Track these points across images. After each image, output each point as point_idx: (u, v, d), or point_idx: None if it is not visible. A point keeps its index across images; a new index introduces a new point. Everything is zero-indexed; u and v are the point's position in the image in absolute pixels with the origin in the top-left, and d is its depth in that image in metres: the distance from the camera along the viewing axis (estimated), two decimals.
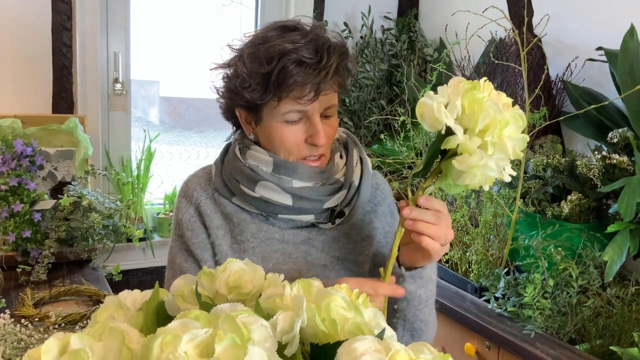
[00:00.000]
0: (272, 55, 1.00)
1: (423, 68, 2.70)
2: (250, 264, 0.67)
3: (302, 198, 1.06)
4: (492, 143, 0.78)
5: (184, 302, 0.62)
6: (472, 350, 1.72)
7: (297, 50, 0.99)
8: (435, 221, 0.90)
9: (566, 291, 1.59)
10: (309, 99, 1.00)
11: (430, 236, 0.91)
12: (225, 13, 2.65)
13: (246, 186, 1.08)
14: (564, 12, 2.10)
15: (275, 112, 1.04)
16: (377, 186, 1.21)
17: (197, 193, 1.15)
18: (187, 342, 0.47)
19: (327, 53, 1.00)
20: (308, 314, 0.55)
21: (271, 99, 1.02)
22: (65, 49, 2.16)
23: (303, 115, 1.04)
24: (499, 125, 0.78)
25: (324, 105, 1.04)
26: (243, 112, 1.11)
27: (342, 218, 1.12)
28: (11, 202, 1.84)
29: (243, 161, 1.10)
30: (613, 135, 1.79)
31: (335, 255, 1.14)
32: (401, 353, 0.49)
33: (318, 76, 0.99)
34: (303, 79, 0.98)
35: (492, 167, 0.79)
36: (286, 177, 1.07)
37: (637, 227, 1.62)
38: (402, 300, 1.04)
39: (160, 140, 2.55)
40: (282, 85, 0.99)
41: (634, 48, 1.74)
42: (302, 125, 1.05)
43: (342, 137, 1.18)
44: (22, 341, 1.33)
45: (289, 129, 1.05)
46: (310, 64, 0.99)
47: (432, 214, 0.90)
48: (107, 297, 0.65)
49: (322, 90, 1.01)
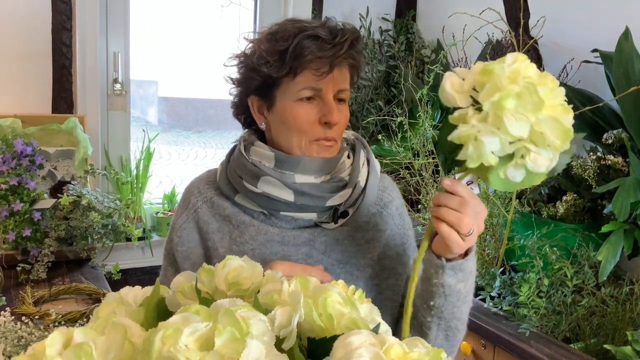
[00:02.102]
0: (289, 33, 1.03)
1: (420, 69, 2.71)
2: (249, 261, 0.68)
3: (304, 194, 1.05)
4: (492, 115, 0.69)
5: (184, 298, 0.64)
6: (467, 348, 1.74)
7: (313, 29, 1.02)
8: (457, 208, 0.85)
9: (561, 290, 1.61)
10: (324, 71, 1.02)
11: (448, 223, 0.86)
12: (224, 14, 2.66)
13: (249, 182, 1.08)
14: (560, 15, 2.12)
15: (290, 90, 1.05)
16: (384, 189, 1.19)
17: (194, 198, 1.16)
18: (187, 336, 0.48)
19: (341, 32, 1.04)
20: (305, 309, 0.56)
21: (287, 74, 1.03)
22: (65, 49, 2.17)
23: (317, 95, 1.05)
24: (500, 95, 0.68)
25: (337, 86, 1.05)
26: (256, 100, 1.12)
27: (346, 218, 1.11)
28: (11, 201, 1.85)
29: (247, 158, 1.10)
30: (608, 136, 1.81)
31: (338, 258, 1.12)
32: (395, 346, 0.51)
33: (333, 49, 1.01)
34: (319, 51, 1.01)
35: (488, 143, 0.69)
36: (288, 172, 1.07)
37: (631, 227, 1.64)
38: (439, 296, 0.98)
39: (159, 140, 2.56)
40: (299, 58, 1.01)
41: (628, 50, 1.76)
42: (316, 104, 1.05)
43: (350, 139, 1.19)
44: (23, 339, 1.34)
45: (302, 107, 1.05)
46: (326, 39, 1.01)
47: (456, 201, 0.85)
48: (109, 294, 0.66)
49: (336, 65, 1.02)
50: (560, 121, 0.70)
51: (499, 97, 0.68)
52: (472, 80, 0.73)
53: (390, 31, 2.79)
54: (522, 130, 0.69)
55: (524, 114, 0.68)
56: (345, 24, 1.08)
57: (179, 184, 2.62)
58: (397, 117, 2.16)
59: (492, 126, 0.69)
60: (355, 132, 1.21)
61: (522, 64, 0.70)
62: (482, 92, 0.70)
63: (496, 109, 0.69)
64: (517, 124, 0.68)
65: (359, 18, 2.69)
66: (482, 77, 0.71)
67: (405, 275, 1.16)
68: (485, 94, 0.70)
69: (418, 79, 2.60)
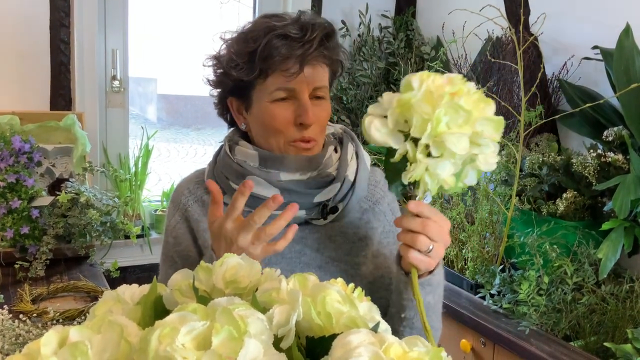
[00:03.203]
0: (259, 33, 1.01)
1: (420, 66, 2.70)
2: (247, 258, 0.67)
3: (290, 191, 1.03)
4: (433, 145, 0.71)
5: (181, 296, 0.63)
6: (467, 346, 1.73)
7: (283, 27, 1.01)
8: (420, 229, 0.86)
9: (561, 288, 1.60)
10: (294, 72, 1.00)
11: (410, 245, 0.87)
12: (223, 11, 2.65)
13: (235, 182, 1.06)
14: (560, 11, 2.11)
15: (263, 91, 1.04)
16: (376, 183, 1.17)
17: (184, 198, 1.15)
18: (184, 335, 0.48)
19: (311, 28, 1.01)
20: (304, 307, 0.56)
21: (259, 76, 1.02)
22: (63, 46, 2.16)
23: (291, 95, 1.03)
24: (431, 125, 0.70)
25: (312, 84, 1.03)
26: (234, 101, 1.11)
27: (336, 214, 1.09)
28: (9, 199, 1.84)
29: (232, 158, 1.09)
30: (608, 133, 1.80)
31: (331, 255, 1.11)
32: (395, 346, 0.50)
33: (302, 48, 0.99)
34: (287, 51, 0.99)
35: (442, 171, 0.72)
36: (273, 170, 1.05)
37: (631, 225, 1.63)
38: (410, 309, 1.00)
39: (158, 138, 2.56)
40: (268, 59, 1.00)
41: (629, 47, 1.75)
42: (291, 104, 1.03)
43: (337, 132, 1.17)
44: (20, 337, 1.34)
45: (278, 107, 1.03)
46: (295, 38, 1.00)
47: (418, 222, 0.86)
48: (106, 292, 0.66)
49: (306, 63, 1.01)
50: (490, 118, 0.72)
51: (431, 128, 0.69)
52: (395, 118, 0.73)
53: (389, 28, 2.78)
54: (464, 145, 0.71)
55: (459, 132, 0.70)
56: (318, 18, 1.05)
57: (177, 181, 2.60)
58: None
59: (438, 155, 0.72)
60: (344, 126, 1.20)
61: (428, 81, 0.72)
62: (413, 128, 0.71)
63: (434, 138, 0.70)
64: (458, 141, 0.70)
65: (358, 15, 2.68)
66: (403, 110, 0.72)
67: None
68: (417, 129, 0.71)
69: None
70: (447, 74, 0.75)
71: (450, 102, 0.69)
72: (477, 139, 0.72)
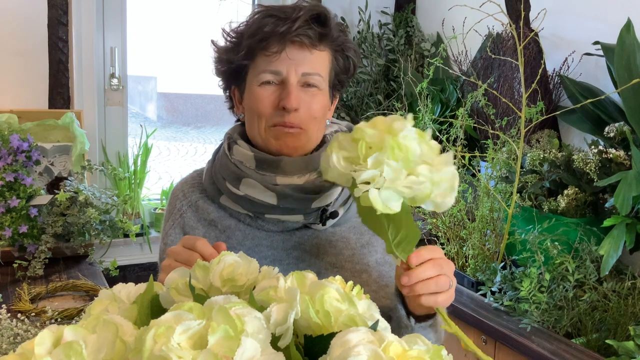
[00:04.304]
0: (253, 15, 1.02)
1: (420, 63, 2.69)
2: (244, 256, 0.67)
3: (287, 196, 0.99)
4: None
5: (178, 294, 0.62)
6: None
7: (275, 9, 1.00)
8: (433, 273, 0.82)
9: (562, 285, 1.60)
10: (275, 51, 0.98)
11: (431, 293, 0.83)
12: (222, 8, 2.64)
13: (231, 184, 1.03)
14: (560, 7, 2.10)
15: (253, 74, 1.02)
16: None
17: (179, 202, 1.12)
18: (180, 334, 0.47)
19: (298, 8, 0.99)
20: (302, 305, 0.55)
21: (246, 58, 1.01)
22: (62, 44, 2.15)
23: (279, 80, 1.00)
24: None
25: (300, 68, 0.99)
26: (236, 91, 1.10)
27: (336, 219, 1.04)
28: (7, 198, 1.84)
29: (230, 157, 1.05)
30: (609, 129, 1.79)
31: (331, 261, 1.05)
32: (394, 344, 0.49)
33: (284, 26, 0.97)
34: (270, 29, 0.97)
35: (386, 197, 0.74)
36: (270, 174, 1.01)
37: (633, 221, 1.62)
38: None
39: (157, 136, 2.55)
40: (251, 38, 0.99)
41: (630, 42, 1.74)
42: (277, 89, 1.00)
43: (342, 130, 1.12)
44: (19, 336, 1.33)
45: (263, 90, 1.00)
46: (280, 17, 0.98)
47: (429, 267, 0.82)
48: (102, 291, 0.65)
49: (287, 41, 0.98)
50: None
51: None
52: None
53: (389, 25, 2.77)
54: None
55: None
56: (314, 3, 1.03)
57: (177, 179, 2.60)
58: (396, 111, 2.14)
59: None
60: (350, 124, 1.15)
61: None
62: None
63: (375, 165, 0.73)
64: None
65: (358, 12, 2.67)
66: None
67: None
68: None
69: (418, 72, 2.58)
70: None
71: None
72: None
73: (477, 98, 1.93)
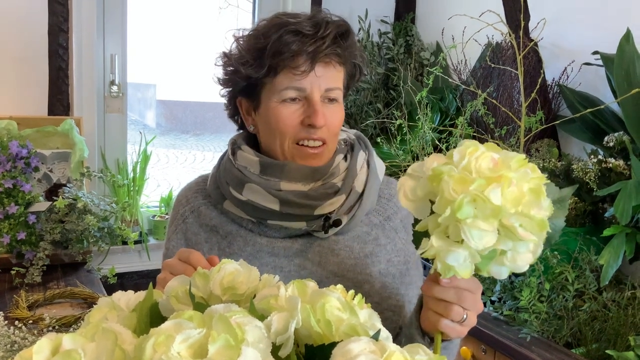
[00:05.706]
0: (271, 29, 0.97)
1: (420, 72, 2.70)
2: (245, 264, 0.66)
3: (290, 202, 0.98)
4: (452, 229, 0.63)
5: (178, 303, 0.62)
6: (468, 354, 1.72)
7: (296, 24, 0.96)
8: (456, 300, 0.79)
9: (562, 295, 1.59)
10: (305, 69, 0.95)
11: (446, 317, 0.80)
12: (221, 16, 2.65)
13: (235, 189, 1.02)
14: (560, 17, 2.11)
15: (272, 90, 0.99)
16: (389, 197, 1.09)
17: (182, 208, 1.12)
18: (180, 343, 0.47)
19: (325, 25, 0.97)
20: (303, 314, 0.54)
21: (268, 74, 0.98)
22: (62, 51, 2.16)
23: (302, 96, 0.98)
24: (450, 208, 0.62)
25: (324, 85, 0.98)
26: (244, 102, 1.07)
27: (339, 227, 1.02)
28: (6, 204, 1.83)
29: (234, 163, 1.05)
30: (609, 139, 1.80)
31: (333, 270, 1.03)
32: (396, 354, 0.49)
33: (314, 45, 0.95)
34: (298, 47, 0.94)
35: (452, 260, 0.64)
36: (273, 179, 1.00)
37: (633, 231, 1.62)
38: None
39: (156, 144, 2.55)
40: (277, 56, 0.95)
41: (629, 52, 1.75)
42: (301, 105, 0.98)
43: (350, 139, 1.11)
44: (16, 344, 1.32)
45: (286, 108, 0.98)
46: (307, 34, 0.95)
47: (452, 293, 0.78)
48: (101, 298, 0.64)
49: (317, 61, 0.96)
50: (531, 215, 0.62)
51: (450, 212, 0.61)
52: (426, 187, 0.67)
53: (389, 33, 2.78)
54: (486, 240, 0.62)
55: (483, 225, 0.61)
56: (334, 16, 1.02)
57: (176, 187, 2.60)
58: (396, 120, 2.14)
59: (453, 241, 0.64)
60: (358, 132, 1.14)
61: (473, 157, 0.63)
62: (436, 204, 0.64)
63: (453, 222, 0.62)
64: (478, 235, 0.61)
65: (358, 20, 2.68)
66: (432, 183, 0.65)
67: (407, 296, 1.07)
68: (438, 207, 0.64)
69: (417, 81, 2.59)
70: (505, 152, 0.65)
71: (477, 189, 0.61)
72: (509, 234, 0.63)
73: (477, 107, 1.94)
